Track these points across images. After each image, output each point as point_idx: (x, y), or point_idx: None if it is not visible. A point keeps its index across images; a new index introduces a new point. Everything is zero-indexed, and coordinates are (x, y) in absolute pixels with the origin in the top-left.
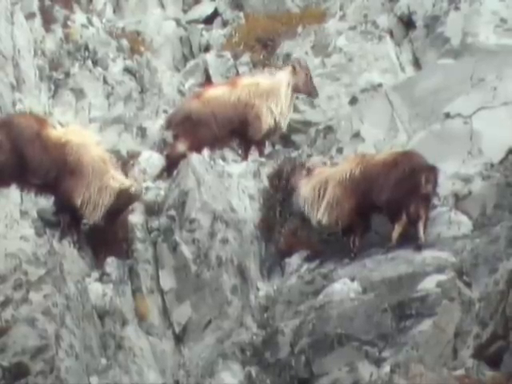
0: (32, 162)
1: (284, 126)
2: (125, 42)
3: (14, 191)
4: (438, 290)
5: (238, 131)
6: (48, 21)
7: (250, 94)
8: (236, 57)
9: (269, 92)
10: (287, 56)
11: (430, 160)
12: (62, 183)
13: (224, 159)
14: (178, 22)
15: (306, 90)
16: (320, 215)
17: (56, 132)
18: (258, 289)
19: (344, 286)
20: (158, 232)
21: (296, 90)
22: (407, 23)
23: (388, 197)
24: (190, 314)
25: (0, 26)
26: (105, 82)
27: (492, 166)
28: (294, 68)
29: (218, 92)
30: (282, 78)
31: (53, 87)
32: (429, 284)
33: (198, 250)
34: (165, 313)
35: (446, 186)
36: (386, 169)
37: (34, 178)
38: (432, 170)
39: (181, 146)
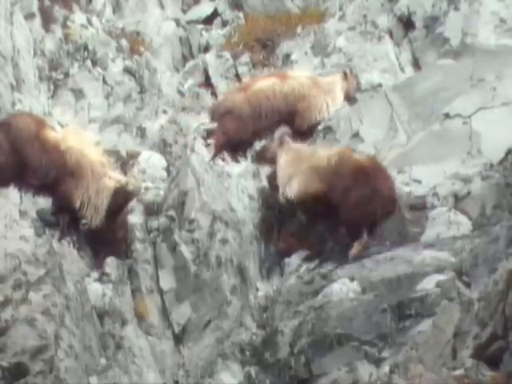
0: (31, 163)
1: None
2: (124, 42)
3: (13, 191)
4: (438, 290)
5: (286, 121)
6: (47, 21)
7: (304, 86)
8: (235, 57)
9: (328, 89)
10: (287, 56)
11: (429, 160)
12: (62, 185)
13: (223, 159)
14: (177, 22)
15: (351, 96)
16: (289, 189)
17: (54, 133)
18: (257, 289)
19: (343, 286)
20: (157, 232)
21: (346, 96)
22: (407, 23)
23: (347, 214)
24: (190, 314)
25: None
26: (104, 82)
27: (491, 166)
28: (345, 74)
29: (267, 83)
30: (337, 81)
31: (52, 87)
32: (428, 284)
33: (197, 250)
34: (164, 313)
35: (445, 186)
36: (352, 177)
37: (33, 179)
38: (392, 203)
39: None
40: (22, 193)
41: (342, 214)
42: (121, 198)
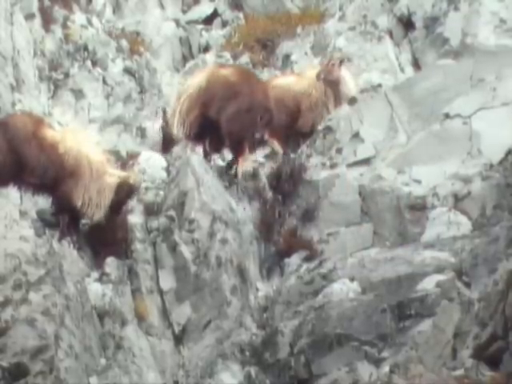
0: (29, 162)
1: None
2: (124, 43)
3: (13, 191)
4: (438, 291)
5: (292, 120)
6: (47, 21)
7: (311, 85)
8: (235, 57)
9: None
10: (287, 56)
11: (429, 160)
12: (61, 185)
13: (223, 160)
14: (177, 22)
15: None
16: (175, 128)
17: (52, 133)
18: (257, 289)
19: (343, 286)
20: (157, 232)
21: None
22: (407, 24)
23: (226, 129)
24: (190, 315)
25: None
26: (104, 82)
27: (491, 166)
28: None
29: (286, 81)
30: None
31: (52, 87)
32: (428, 284)
33: (197, 250)
34: (164, 313)
35: (445, 186)
36: (228, 91)
37: (31, 178)
38: (267, 111)
39: None
40: (22, 193)
41: (223, 130)
42: (123, 193)
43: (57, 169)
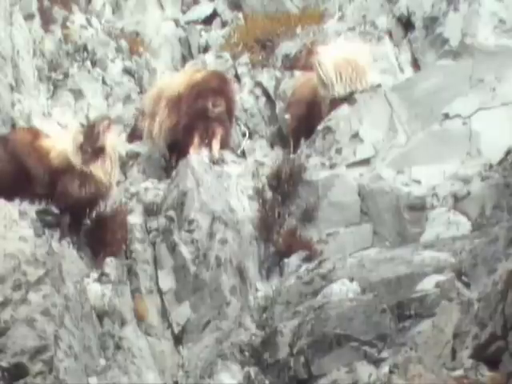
0: (31, 172)
1: None
2: (124, 43)
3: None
4: (437, 291)
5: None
6: (47, 21)
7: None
8: (235, 57)
9: None
10: (286, 56)
11: (429, 160)
12: (61, 186)
13: (223, 160)
14: (176, 22)
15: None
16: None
17: (47, 141)
18: (256, 289)
19: (343, 286)
20: (156, 232)
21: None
22: (406, 24)
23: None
24: (189, 315)
25: None
26: (104, 82)
27: (491, 166)
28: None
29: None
30: None
31: (52, 88)
32: (428, 284)
33: (196, 250)
34: (164, 313)
35: (444, 186)
36: (187, 90)
37: (35, 188)
38: (219, 94)
39: None
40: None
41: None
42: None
43: (53, 174)
